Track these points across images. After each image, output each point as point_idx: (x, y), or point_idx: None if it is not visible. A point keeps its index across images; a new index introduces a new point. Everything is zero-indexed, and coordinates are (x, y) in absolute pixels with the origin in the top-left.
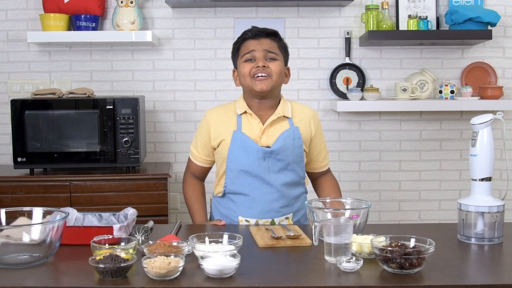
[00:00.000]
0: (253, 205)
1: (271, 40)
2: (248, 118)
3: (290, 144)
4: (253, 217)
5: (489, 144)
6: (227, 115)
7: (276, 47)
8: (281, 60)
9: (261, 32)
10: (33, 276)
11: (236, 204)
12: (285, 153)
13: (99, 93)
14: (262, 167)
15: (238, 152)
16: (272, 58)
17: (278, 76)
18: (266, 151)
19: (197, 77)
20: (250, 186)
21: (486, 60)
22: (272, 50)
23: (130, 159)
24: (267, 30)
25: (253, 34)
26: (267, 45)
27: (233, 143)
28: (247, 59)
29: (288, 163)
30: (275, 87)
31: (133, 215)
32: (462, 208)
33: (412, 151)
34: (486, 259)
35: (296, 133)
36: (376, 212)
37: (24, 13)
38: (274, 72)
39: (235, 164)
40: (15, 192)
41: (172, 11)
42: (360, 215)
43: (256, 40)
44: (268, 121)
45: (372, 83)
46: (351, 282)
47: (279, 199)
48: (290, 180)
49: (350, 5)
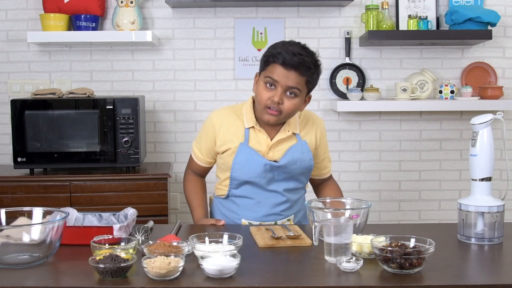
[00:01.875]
0: (257, 208)
1: (300, 75)
2: (256, 132)
3: (298, 158)
4: (256, 220)
5: (489, 144)
6: (235, 124)
7: (303, 83)
8: (302, 95)
9: (294, 65)
10: (33, 276)
11: (240, 207)
12: (292, 167)
13: (99, 93)
14: (267, 178)
15: (244, 164)
16: (292, 93)
17: (290, 113)
18: (274, 165)
19: (197, 77)
20: (255, 192)
21: (486, 60)
22: (296, 86)
23: (130, 159)
24: (304, 61)
25: (285, 64)
26: (293, 81)
27: (239, 155)
28: (267, 83)
29: (294, 174)
30: (283, 120)
31: (133, 215)
32: (462, 208)
33: (412, 151)
34: (486, 259)
35: (304, 147)
36: (376, 212)
37: (24, 13)
38: (286, 111)
39: (240, 175)
40: (15, 192)
41: (172, 11)
42: (360, 215)
43: (286, 71)
44: (276, 140)
45: (372, 83)
46: (351, 282)
47: (283, 203)
48: (294, 186)
49: (350, 5)
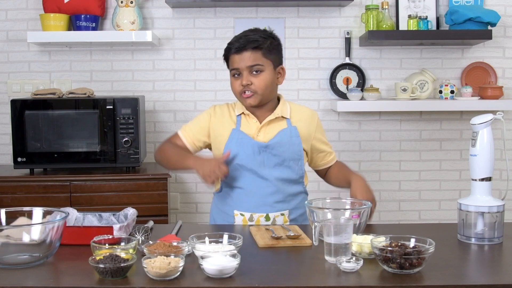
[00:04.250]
0: (248, 198)
1: (254, 51)
2: (246, 118)
3: (287, 141)
4: (248, 211)
5: (489, 144)
6: (229, 114)
7: (260, 56)
8: (268, 68)
9: (242, 45)
10: (33, 276)
11: (232, 198)
12: (281, 149)
13: (99, 93)
14: (257, 161)
15: (234, 146)
16: (257, 71)
17: (264, 89)
18: (261, 145)
19: (197, 77)
20: (246, 179)
21: (486, 60)
22: (256, 63)
23: (130, 159)
24: (249, 39)
25: (235, 49)
26: (249, 59)
27: (230, 139)
28: (233, 74)
29: (284, 159)
30: (264, 98)
31: (133, 215)
32: (462, 208)
33: (412, 151)
34: (486, 259)
35: (294, 131)
36: (376, 212)
37: (24, 13)
38: (258, 87)
39: (231, 159)
40: (15, 192)
41: (172, 11)
42: (360, 215)
43: (239, 55)
44: (266, 120)
45: (372, 83)
46: (351, 282)
47: (274, 193)
48: (287, 176)
49: (350, 5)
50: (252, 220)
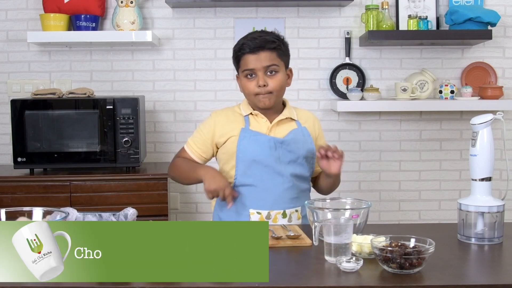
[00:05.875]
0: (265, 196)
1: (270, 52)
2: (255, 118)
3: (300, 138)
4: (265, 209)
5: (489, 144)
6: (234, 115)
7: (276, 57)
8: (282, 69)
9: (259, 46)
10: None
11: (246, 196)
12: (296, 146)
13: (99, 93)
14: (273, 157)
15: (248, 143)
16: (272, 71)
17: (279, 90)
18: (278, 141)
19: (197, 77)
20: (262, 176)
21: (486, 60)
22: (272, 63)
23: (130, 159)
24: (266, 39)
25: (251, 49)
26: (266, 59)
27: (242, 137)
28: (247, 75)
29: (298, 156)
30: (278, 99)
31: (133, 215)
32: (462, 208)
33: (412, 151)
34: (486, 259)
35: (305, 131)
36: (376, 212)
37: (24, 13)
38: (275, 88)
39: (246, 155)
40: (15, 192)
41: (172, 11)
42: (360, 215)
43: (255, 55)
44: (276, 120)
45: (372, 83)
46: (351, 282)
47: (290, 189)
48: (300, 173)
49: (350, 5)
50: (270, 217)
